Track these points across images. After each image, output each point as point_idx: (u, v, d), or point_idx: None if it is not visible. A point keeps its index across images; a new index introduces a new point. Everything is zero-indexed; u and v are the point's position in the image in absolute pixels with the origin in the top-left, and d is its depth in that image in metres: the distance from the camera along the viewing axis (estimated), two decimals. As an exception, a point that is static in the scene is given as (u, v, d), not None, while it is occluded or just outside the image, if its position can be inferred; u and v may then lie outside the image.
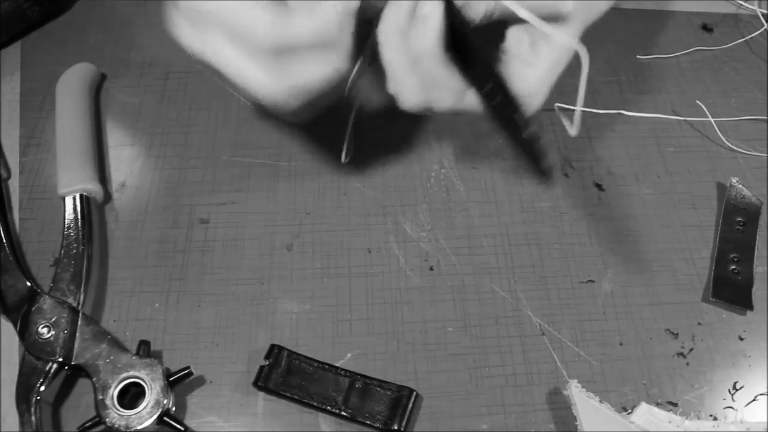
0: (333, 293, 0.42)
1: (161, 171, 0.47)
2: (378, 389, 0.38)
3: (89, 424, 0.36)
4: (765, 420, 0.39)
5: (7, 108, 0.50)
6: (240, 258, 0.44)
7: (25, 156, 0.47)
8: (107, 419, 0.36)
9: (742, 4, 0.57)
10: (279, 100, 0.34)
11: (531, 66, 0.36)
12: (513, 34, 0.36)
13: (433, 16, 0.32)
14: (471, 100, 0.36)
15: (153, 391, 0.36)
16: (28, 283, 0.40)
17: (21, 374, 0.37)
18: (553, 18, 0.36)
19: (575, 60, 0.37)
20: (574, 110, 0.36)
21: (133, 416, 0.36)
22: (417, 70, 0.34)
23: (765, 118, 0.51)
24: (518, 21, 0.35)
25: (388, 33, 0.34)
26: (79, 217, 0.42)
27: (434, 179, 0.47)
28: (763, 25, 0.56)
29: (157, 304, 0.42)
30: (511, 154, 0.48)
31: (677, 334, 0.42)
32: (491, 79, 0.34)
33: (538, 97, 0.37)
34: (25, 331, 0.38)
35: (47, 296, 0.39)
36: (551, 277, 0.43)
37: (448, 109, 0.35)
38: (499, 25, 0.36)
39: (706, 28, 0.56)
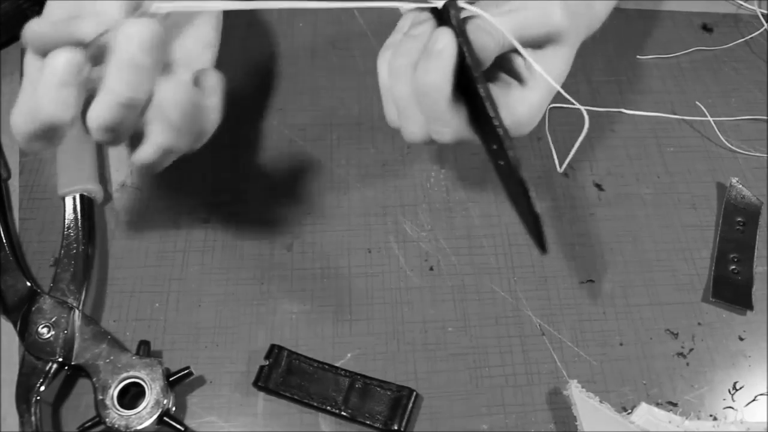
0: (333, 293, 0.42)
1: (161, 171, 0.47)
2: (378, 389, 0.38)
3: (89, 424, 0.36)
4: (765, 420, 0.39)
5: (7, 108, 0.50)
6: (240, 258, 0.44)
7: (25, 156, 0.47)
8: (107, 419, 0.36)
9: (742, 4, 0.57)
10: None
11: (530, 89, 0.35)
12: (512, 56, 0.35)
13: (448, 50, 0.31)
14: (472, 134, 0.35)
15: (153, 391, 0.36)
16: (28, 283, 0.40)
17: (21, 374, 0.37)
18: (545, 40, 0.35)
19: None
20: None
21: (133, 416, 0.36)
22: (422, 104, 0.33)
23: (765, 118, 0.51)
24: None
25: (400, 66, 0.33)
26: (79, 217, 0.42)
27: (434, 179, 0.47)
28: (763, 25, 0.56)
29: (157, 304, 0.42)
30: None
31: (677, 334, 0.42)
32: (497, 142, 0.33)
33: (535, 120, 0.36)
34: (25, 331, 0.38)
35: (47, 296, 0.39)
36: (551, 277, 0.43)
37: (449, 141, 0.34)
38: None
39: (706, 28, 0.56)
